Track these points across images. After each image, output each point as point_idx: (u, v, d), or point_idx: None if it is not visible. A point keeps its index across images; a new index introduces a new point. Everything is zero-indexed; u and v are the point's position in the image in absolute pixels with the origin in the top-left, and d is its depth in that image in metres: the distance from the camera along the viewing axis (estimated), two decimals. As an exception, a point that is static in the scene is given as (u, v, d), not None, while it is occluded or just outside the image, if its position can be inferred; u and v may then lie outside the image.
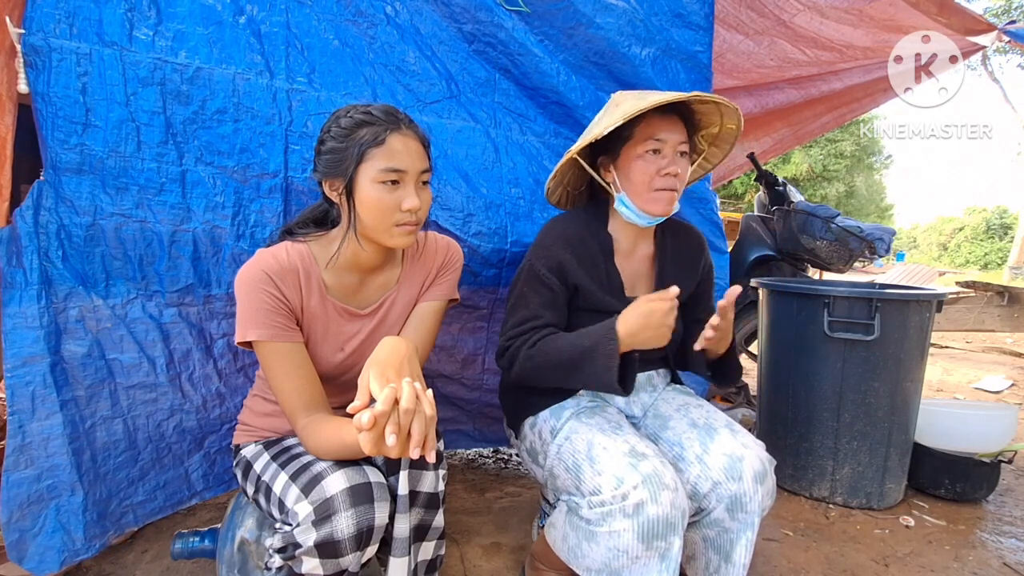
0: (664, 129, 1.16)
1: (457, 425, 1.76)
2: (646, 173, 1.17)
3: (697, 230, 1.40)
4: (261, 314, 0.97)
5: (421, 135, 1.03)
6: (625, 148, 1.20)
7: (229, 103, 1.20)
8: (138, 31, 1.12)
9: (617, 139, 1.20)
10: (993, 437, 1.93)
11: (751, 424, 2.33)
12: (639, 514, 1.00)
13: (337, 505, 0.84)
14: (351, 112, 1.00)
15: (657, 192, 1.17)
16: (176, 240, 1.18)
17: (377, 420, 0.72)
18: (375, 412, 0.72)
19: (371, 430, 0.72)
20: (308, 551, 0.84)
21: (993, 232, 35.21)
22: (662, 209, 1.18)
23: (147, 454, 1.25)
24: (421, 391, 0.78)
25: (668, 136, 1.16)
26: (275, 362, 0.98)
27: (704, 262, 1.37)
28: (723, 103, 1.20)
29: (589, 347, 1.10)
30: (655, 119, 1.17)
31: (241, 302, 0.98)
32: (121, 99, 1.10)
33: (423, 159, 1.01)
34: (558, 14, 1.54)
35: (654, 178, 1.17)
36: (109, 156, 1.10)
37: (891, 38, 2.53)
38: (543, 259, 1.21)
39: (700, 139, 1.36)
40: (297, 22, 1.30)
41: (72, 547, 1.11)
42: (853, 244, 2.60)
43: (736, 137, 1.31)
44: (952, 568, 1.53)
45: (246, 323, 0.97)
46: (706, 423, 1.19)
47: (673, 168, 1.16)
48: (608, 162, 1.24)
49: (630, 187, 1.19)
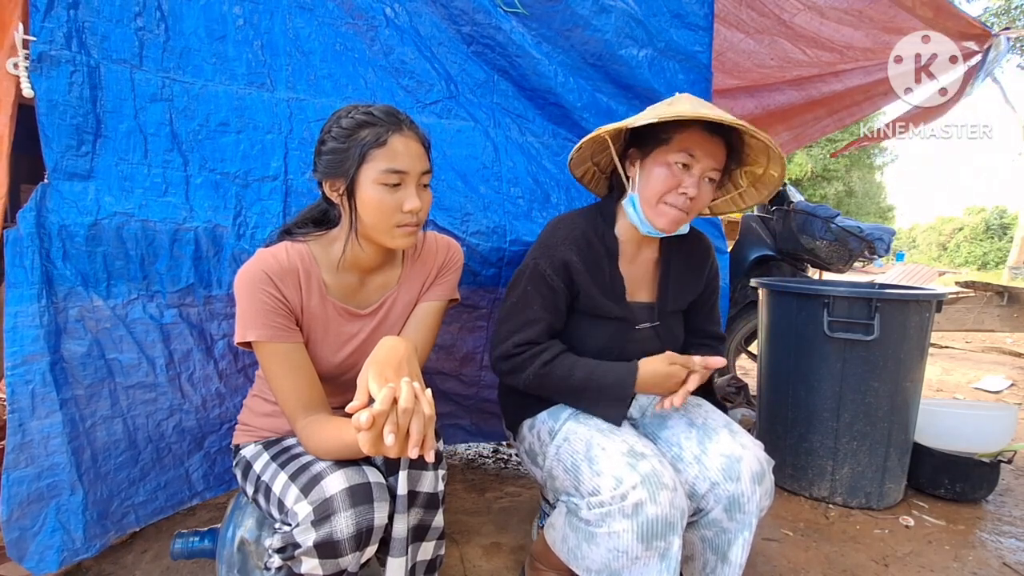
0: (703, 148, 1.11)
1: (454, 420, 1.77)
2: (665, 183, 1.13)
3: (705, 236, 1.37)
4: (261, 314, 0.97)
5: (422, 136, 1.03)
6: (658, 150, 1.14)
7: (232, 116, 1.24)
8: (148, 50, 1.17)
9: (655, 138, 1.15)
10: (993, 437, 1.93)
11: (751, 424, 2.33)
12: (638, 514, 1.00)
13: (336, 505, 0.84)
14: (352, 112, 0.99)
15: (666, 207, 1.14)
16: (178, 239, 1.18)
17: (375, 420, 0.73)
18: (373, 412, 0.72)
19: (369, 429, 0.73)
20: (307, 551, 0.84)
21: (992, 232, 35.20)
22: (665, 224, 1.15)
23: (147, 454, 1.25)
24: (420, 390, 0.78)
25: (704, 157, 1.12)
26: (275, 362, 0.98)
27: (710, 269, 1.35)
28: (771, 145, 1.14)
29: (604, 386, 1.14)
30: (697, 134, 1.11)
31: (241, 302, 0.98)
32: (130, 112, 1.15)
33: (424, 160, 1.01)
34: (555, 16, 1.55)
35: (670, 191, 1.13)
36: (118, 163, 1.14)
37: (891, 39, 2.53)
38: (548, 259, 1.19)
39: (743, 175, 1.29)
40: (298, 28, 1.32)
41: (72, 546, 1.11)
42: (853, 244, 2.60)
43: (778, 186, 1.25)
44: (952, 568, 1.54)
45: (246, 323, 0.97)
46: (704, 423, 1.19)
47: (693, 191, 1.12)
48: (637, 157, 1.19)
49: (645, 190, 1.16)
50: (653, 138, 1.15)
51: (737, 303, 2.79)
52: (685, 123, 1.11)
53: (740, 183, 1.30)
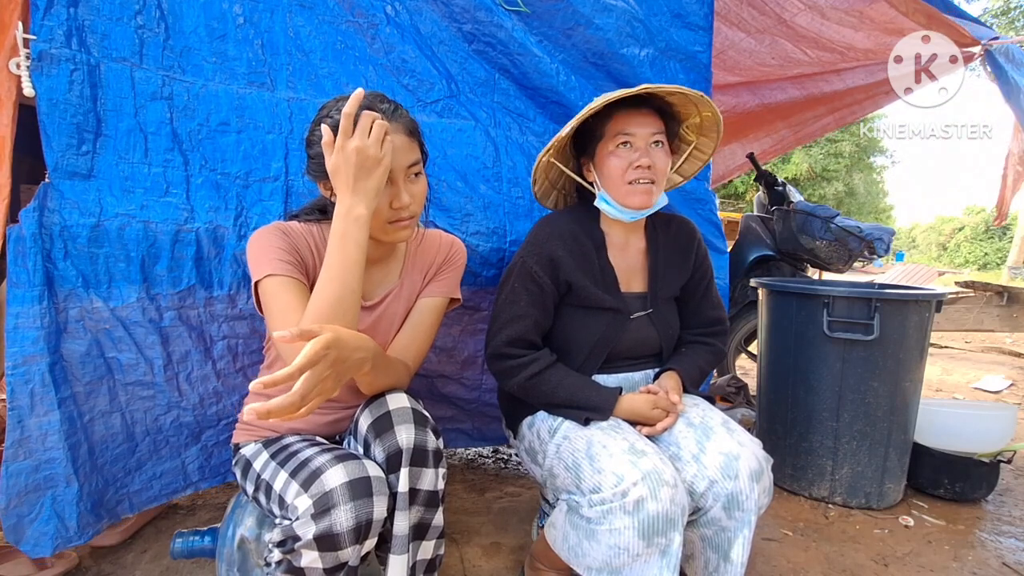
0: (633, 123, 1.18)
1: (456, 424, 1.77)
2: (619, 168, 1.19)
3: (689, 221, 1.40)
4: (276, 252, 0.98)
5: (407, 125, 1.01)
6: (599, 146, 1.22)
7: (232, 115, 1.24)
8: (148, 48, 1.17)
9: (593, 139, 1.23)
10: (992, 437, 1.93)
11: (751, 424, 2.33)
12: (639, 511, 1.00)
13: (336, 498, 0.85)
14: (332, 113, 0.99)
15: (632, 185, 1.19)
16: (179, 240, 1.19)
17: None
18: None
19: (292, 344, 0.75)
20: (307, 544, 0.84)
21: (992, 232, 35.21)
22: (639, 201, 1.19)
23: (144, 446, 1.27)
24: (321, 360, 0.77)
25: (637, 129, 1.18)
26: (281, 291, 0.95)
27: (697, 252, 1.37)
28: (685, 92, 1.19)
29: (585, 407, 1.18)
30: (623, 115, 1.19)
31: (254, 250, 0.99)
32: (130, 111, 1.15)
33: (409, 151, 1.00)
34: (557, 14, 1.55)
35: (627, 171, 1.19)
36: (118, 162, 1.14)
37: (892, 41, 2.53)
38: (535, 256, 1.22)
39: (687, 130, 1.36)
40: (299, 27, 1.31)
41: (65, 534, 1.14)
42: (852, 244, 2.60)
43: (718, 124, 1.30)
44: (951, 568, 1.54)
45: (260, 263, 0.97)
46: (702, 422, 1.20)
47: (645, 160, 1.17)
48: (588, 162, 1.27)
49: (608, 183, 1.22)
50: (591, 140, 1.24)
51: (737, 303, 2.79)
52: (612, 112, 1.19)
53: (690, 137, 1.37)
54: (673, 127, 1.27)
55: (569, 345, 1.26)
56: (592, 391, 1.19)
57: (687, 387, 1.29)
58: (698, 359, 1.34)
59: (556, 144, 1.24)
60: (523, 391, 1.22)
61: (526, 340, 1.21)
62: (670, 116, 1.26)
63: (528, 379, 1.19)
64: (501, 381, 1.26)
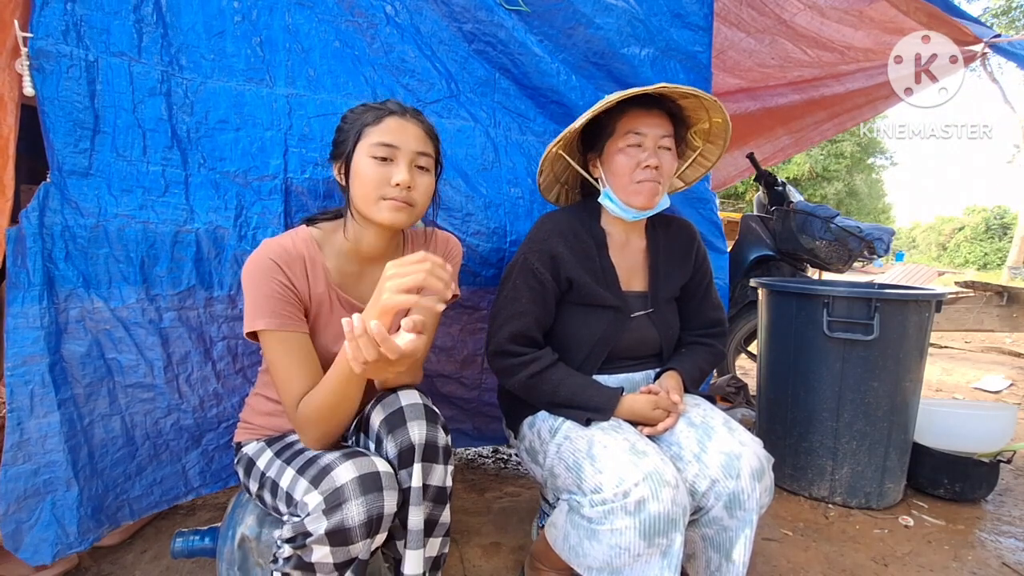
0: (645, 123, 1.19)
1: (456, 424, 1.76)
2: (627, 166, 1.20)
3: (688, 222, 1.41)
4: (271, 302, 0.98)
5: (426, 125, 1.07)
6: (608, 143, 1.23)
7: (231, 113, 1.23)
8: (146, 42, 1.16)
9: (602, 135, 1.24)
10: (992, 437, 1.93)
11: (751, 424, 2.33)
12: (641, 511, 1.00)
13: (348, 494, 0.85)
14: (365, 103, 1.07)
15: (638, 184, 1.19)
16: (179, 241, 1.18)
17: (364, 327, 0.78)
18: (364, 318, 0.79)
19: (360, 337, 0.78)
20: (319, 539, 0.84)
21: (992, 232, 35.22)
22: (643, 201, 1.20)
23: (144, 450, 1.25)
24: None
25: (648, 130, 1.19)
26: (280, 352, 0.98)
27: (696, 252, 1.38)
28: (700, 95, 1.21)
29: (586, 407, 1.17)
30: (636, 113, 1.20)
31: (249, 292, 0.99)
32: (128, 106, 1.14)
33: (421, 142, 1.04)
34: (558, 14, 1.54)
35: (635, 171, 1.19)
36: (117, 160, 1.13)
37: (892, 40, 2.53)
38: (536, 252, 1.22)
39: (694, 136, 1.37)
40: (298, 24, 1.31)
41: (65, 540, 1.13)
42: (852, 244, 2.60)
43: (726, 131, 1.31)
44: (951, 568, 1.54)
45: (255, 312, 0.97)
46: (703, 422, 1.20)
47: (653, 161, 1.18)
48: (595, 158, 1.28)
49: (613, 180, 1.22)
50: (601, 136, 1.24)
51: (737, 303, 2.79)
52: (624, 110, 1.20)
53: (696, 143, 1.38)
54: (680, 131, 1.28)
55: (570, 343, 1.26)
56: (594, 391, 1.19)
57: (688, 387, 1.29)
58: (698, 360, 1.34)
59: (567, 136, 1.24)
60: (524, 390, 1.22)
61: (528, 337, 1.22)
62: (679, 120, 1.27)
63: (530, 377, 1.19)
64: (502, 379, 1.26)
